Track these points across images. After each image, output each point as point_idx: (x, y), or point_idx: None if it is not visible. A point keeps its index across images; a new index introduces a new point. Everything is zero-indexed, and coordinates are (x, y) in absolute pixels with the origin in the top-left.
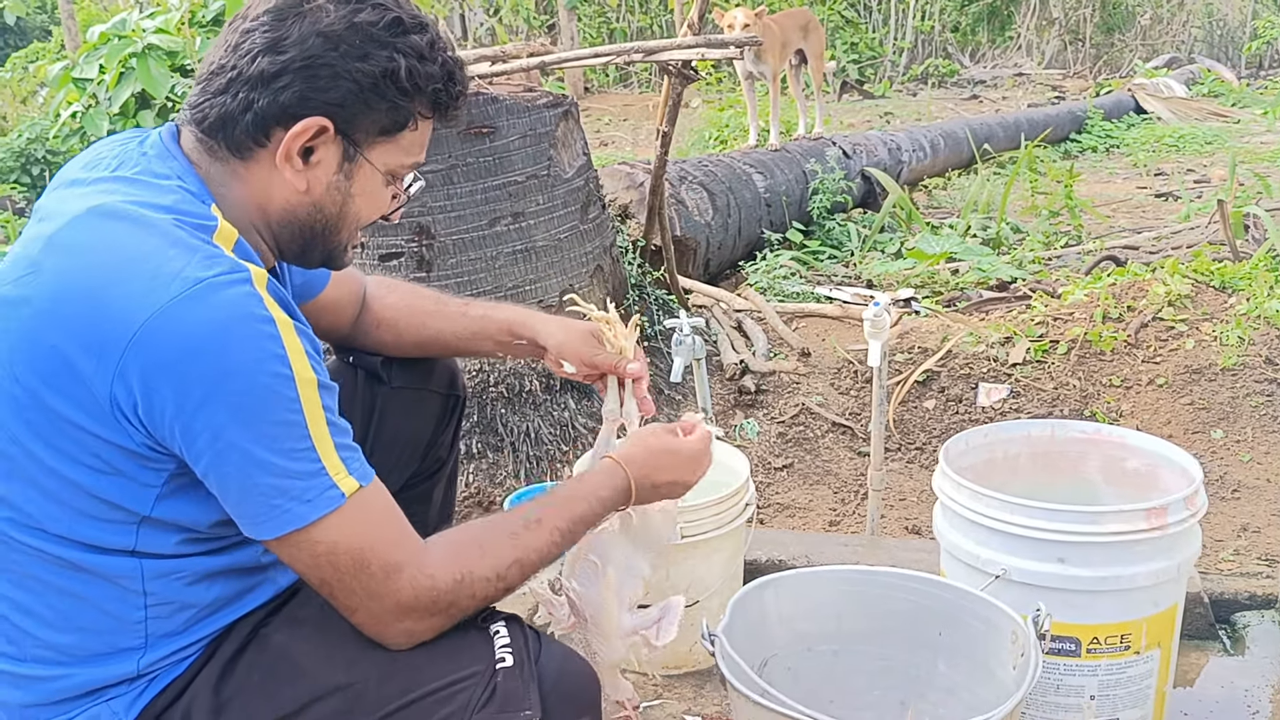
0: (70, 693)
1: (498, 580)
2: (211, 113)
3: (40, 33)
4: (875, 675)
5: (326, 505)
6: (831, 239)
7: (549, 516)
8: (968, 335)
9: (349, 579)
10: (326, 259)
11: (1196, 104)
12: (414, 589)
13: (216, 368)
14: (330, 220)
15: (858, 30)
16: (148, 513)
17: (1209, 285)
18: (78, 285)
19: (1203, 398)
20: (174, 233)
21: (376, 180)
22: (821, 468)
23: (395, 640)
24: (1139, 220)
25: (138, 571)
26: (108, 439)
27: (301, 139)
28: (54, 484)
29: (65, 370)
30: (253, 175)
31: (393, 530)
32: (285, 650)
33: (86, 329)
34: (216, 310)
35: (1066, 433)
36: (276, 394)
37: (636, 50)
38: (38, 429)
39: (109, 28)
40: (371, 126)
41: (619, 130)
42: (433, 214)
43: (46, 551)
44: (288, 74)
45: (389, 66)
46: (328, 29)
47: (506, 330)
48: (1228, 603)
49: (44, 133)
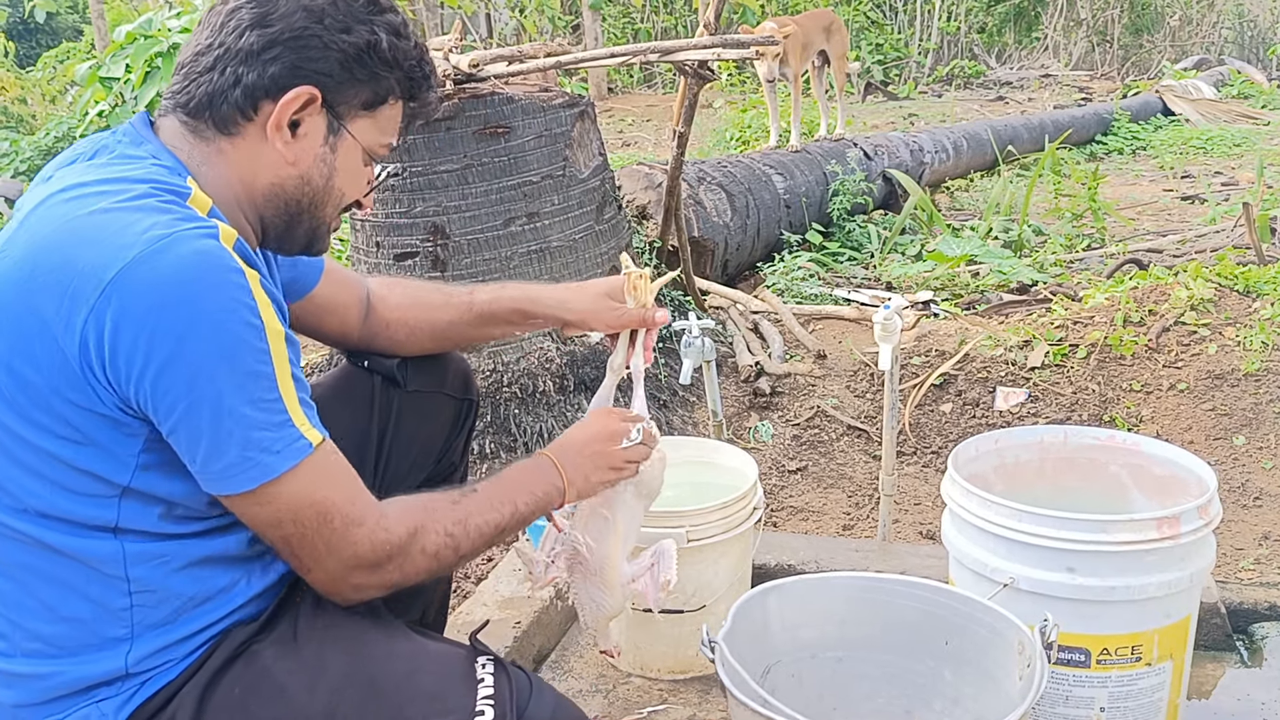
0: (60, 691)
1: (446, 536)
2: (198, 92)
3: (71, 32)
4: (880, 683)
5: (295, 456)
6: (851, 241)
7: (483, 488)
8: (986, 338)
9: (311, 533)
10: (309, 238)
11: (1225, 106)
12: (371, 542)
13: (187, 318)
14: (317, 193)
15: (883, 31)
16: (127, 483)
17: (1233, 289)
18: (48, 248)
19: (1225, 404)
20: (145, 200)
21: (358, 156)
22: (836, 471)
23: (347, 596)
24: (1164, 223)
25: (119, 554)
26: (80, 404)
27: (291, 108)
28: (34, 459)
29: (37, 330)
30: (239, 151)
31: (352, 484)
32: (270, 670)
33: (57, 286)
34: (185, 261)
35: (1080, 439)
36: (247, 344)
37: (653, 50)
38: (12, 402)
39: (135, 27)
40: (354, 99)
41: (641, 131)
42: (448, 214)
43: (31, 536)
44: (276, 45)
45: (371, 39)
46: (311, 4)
47: (517, 312)
48: (1246, 613)
49: (71, 131)
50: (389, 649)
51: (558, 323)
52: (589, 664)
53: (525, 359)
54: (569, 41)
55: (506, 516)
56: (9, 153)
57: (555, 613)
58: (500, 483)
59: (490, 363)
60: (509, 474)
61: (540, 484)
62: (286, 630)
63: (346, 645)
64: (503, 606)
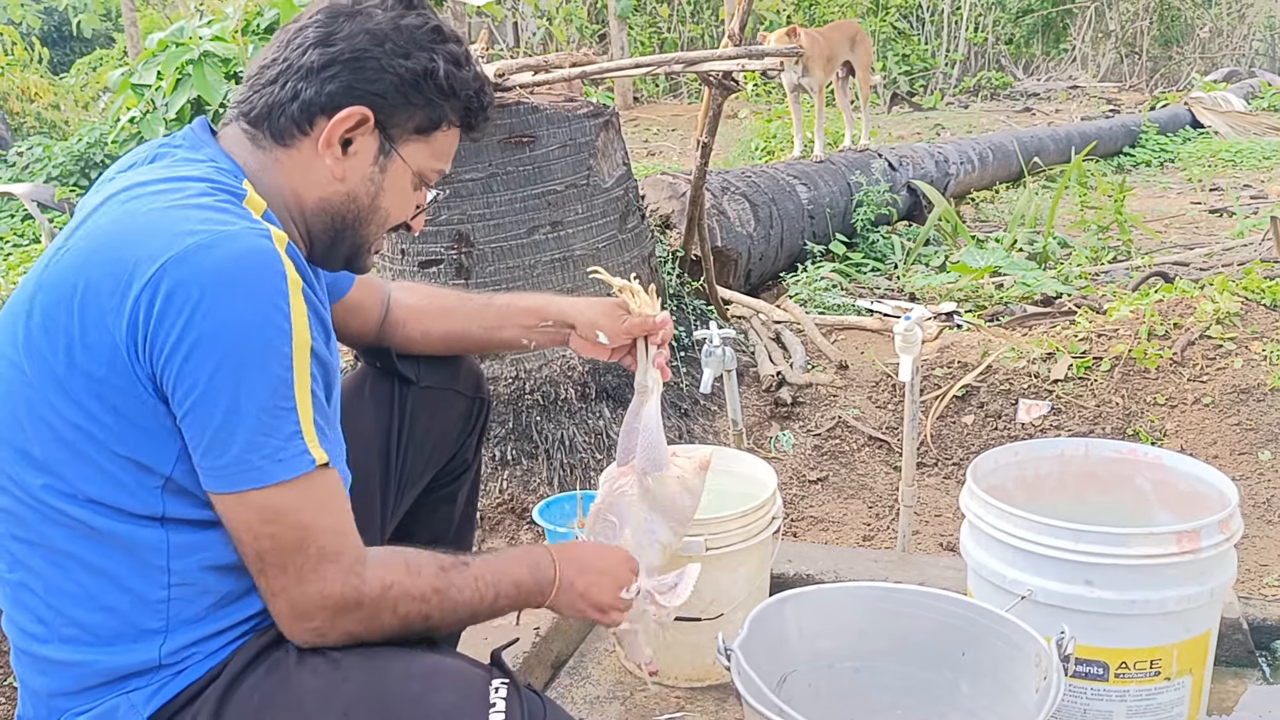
0: (93, 680)
1: (421, 603)
2: (259, 103)
3: (104, 39)
4: (897, 694)
5: (294, 469)
6: (875, 251)
7: (475, 565)
8: (1009, 350)
9: (285, 556)
10: (352, 255)
11: (1255, 118)
12: (342, 584)
13: (228, 309)
14: (362, 212)
15: (910, 42)
16: (169, 473)
17: (1259, 303)
18: (107, 242)
19: (1250, 418)
20: (203, 198)
21: (407, 179)
22: (857, 481)
23: (302, 636)
24: (1191, 236)
25: (164, 544)
26: (128, 391)
27: (344, 125)
28: (86, 445)
29: (95, 318)
30: (293, 162)
31: (341, 519)
32: (289, 680)
33: (113, 274)
34: (239, 255)
35: (1101, 452)
36: (273, 346)
37: (677, 60)
38: (68, 389)
39: (167, 35)
40: (408, 123)
41: (667, 140)
42: (472, 222)
43: (81, 521)
44: (335, 65)
45: (429, 66)
46: (375, 28)
47: (532, 314)
48: (1270, 629)
49: (103, 137)
50: (406, 667)
51: (564, 329)
52: (607, 670)
53: (547, 366)
54: (595, 50)
55: (486, 604)
56: (42, 158)
57: (574, 619)
58: (492, 565)
59: (513, 370)
60: (504, 559)
61: (529, 579)
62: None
63: (364, 659)
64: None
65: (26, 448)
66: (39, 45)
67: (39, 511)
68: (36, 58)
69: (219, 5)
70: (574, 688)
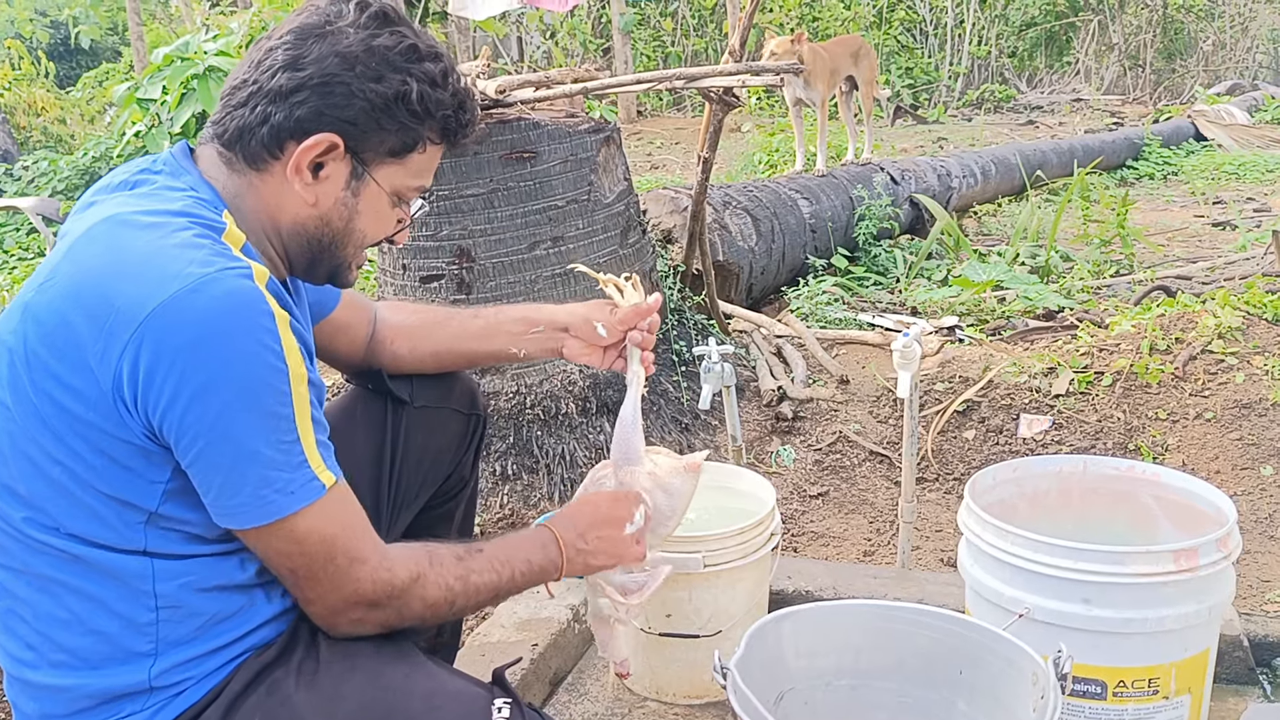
0: (84, 703)
1: (445, 589)
2: (231, 125)
3: (110, 54)
4: (894, 712)
5: (307, 497)
6: (877, 265)
7: (489, 549)
8: (1010, 365)
9: (317, 568)
10: (332, 273)
11: (1259, 131)
12: (373, 580)
13: (217, 358)
14: (337, 235)
15: (913, 55)
16: (154, 509)
17: (1261, 318)
18: (92, 278)
19: (1252, 433)
20: (182, 234)
21: (382, 200)
22: (857, 496)
23: (343, 629)
24: (1194, 250)
25: (149, 571)
26: (112, 432)
27: (312, 153)
28: (68, 481)
29: (77, 360)
30: (266, 187)
31: (360, 524)
32: (290, 700)
33: (95, 320)
34: (219, 301)
35: (1099, 469)
36: (271, 387)
37: (679, 76)
38: (52, 426)
39: (173, 50)
40: (380, 147)
41: (670, 154)
42: (473, 237)
43: (65, 550)
44: (304, 90)
45: (401, 90)
46: (345, 50)
47: (520, 322)
48: (1271, 646)
49: (109, 151)
50: (407, 685)
51: (559, 328)
52: (605, 687)
53: (548, 381)
54: (599, 65)
55: (505, 581)
56: (47, 172)
57: (572, 635)
58: (503, 547)
59: (514, 384)
60: (511, 540)
61: (538, 557)
62: (308, 659)
63: (365, 679)
64: (520, 628)
65: (10, 482)
66: (45, 59)
67: (22, 542)
68: (43, 72)
69: (224, 21)
70: (572, 704)
